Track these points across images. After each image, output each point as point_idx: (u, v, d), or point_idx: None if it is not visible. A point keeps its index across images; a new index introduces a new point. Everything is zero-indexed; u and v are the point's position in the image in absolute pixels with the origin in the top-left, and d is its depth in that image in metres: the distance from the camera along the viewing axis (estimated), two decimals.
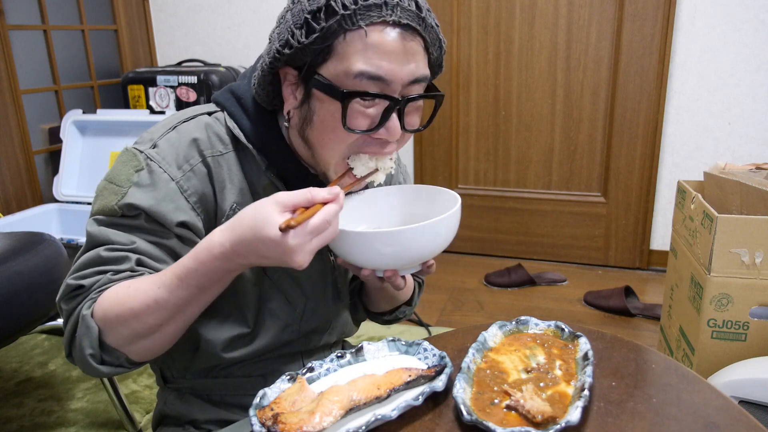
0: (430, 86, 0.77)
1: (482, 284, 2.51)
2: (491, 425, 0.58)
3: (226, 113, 0.79)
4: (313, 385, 0.69)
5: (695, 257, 1.42)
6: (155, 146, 0.74)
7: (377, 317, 1.01)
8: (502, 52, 2.56)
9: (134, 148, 0.75)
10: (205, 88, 2.61)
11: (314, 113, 0.72)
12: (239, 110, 0.79)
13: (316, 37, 0.68)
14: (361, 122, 0.71)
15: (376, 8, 0.67)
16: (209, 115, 0.80)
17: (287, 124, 0.78)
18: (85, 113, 2.52)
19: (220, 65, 2.73)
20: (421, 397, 0.63)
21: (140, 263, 0.72)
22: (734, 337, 1.34)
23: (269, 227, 0.61)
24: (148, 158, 0.73)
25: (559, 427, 0.57)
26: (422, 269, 0.77)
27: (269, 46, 0.73)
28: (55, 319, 1.47)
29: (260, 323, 0.82)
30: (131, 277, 0.70)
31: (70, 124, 2.50)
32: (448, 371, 0.68)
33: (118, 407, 1.58)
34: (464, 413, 0.60)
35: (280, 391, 0.67)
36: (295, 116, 0.76)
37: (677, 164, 2.46)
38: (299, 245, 0.62)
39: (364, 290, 0.97)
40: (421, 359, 0.73)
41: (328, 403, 0.61)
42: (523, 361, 0.71)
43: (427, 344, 0.74)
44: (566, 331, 0.75)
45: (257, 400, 0.64)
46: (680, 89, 2.37)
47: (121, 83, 2.76)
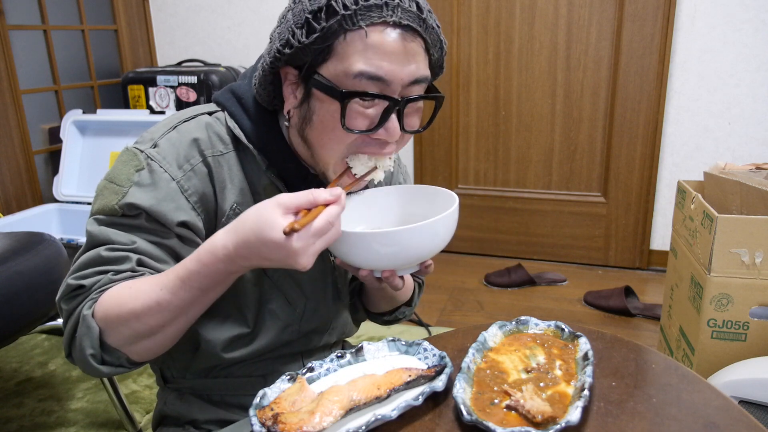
0: (430, 87, 0.76)
1: (482, 284, 2.51)
2: (491, 425, 0.58)
3: (226, 113, 0.79)
4: (313, 385, 0.69)
5: (695, 257, 1.42)
6: (156, 146, 0.74)
7: (377, 318, 1.01)
8: (502, 52, 2.56)
9: (135, 147, 0.75)
10: (205, 88, 2.61)
11: (314, 113, 0.72)
12: (240, 110, 0.79)
13: (316, 36, 0.68)
14: (360, 122, 0.71)
15: (376, 9, 0.67)
16: (210, 114, 0.80)
17: (287, 123, 0.78)
18: (85, 113, 2.52)
19: (220, 65, 2.73)
20: (421, 397, 0.63)
21: (141, 263, 0.72)
22: (734, 337, 1.34)
23: (273, 230, 0.61)
24: (148, 158, 0.73)
25: (559, 427, 0.57)
26: (420, 269, 0.77)
27: (270, 45, 0.73)
28: (55, 319, 1.47)
29: (260, 323, 0.82)
30: (132, 277, 0.70)
31: (70, 124, 2.50)
32: (448, 371, 0.68)
33: (118, 407, 1.58)
34: (464, 413, 0.60)
35: (280, 391, 0.67)
36: (295, 116, 0.76)
37: (677, 164, 2.46)
38: (303, 248, 0.62)
39: (363, 291, 0.97)
40: (421, 359, 0.73)
41: (328, 403, 0.61)
42: (523, 361, 0.71)
43: (427, 344, 0.74)
44: (566, 331, 0.75)
45: (257, 400, 0.64)
46: (680, 89, 2.38)
47: (121, 83, 2.76)
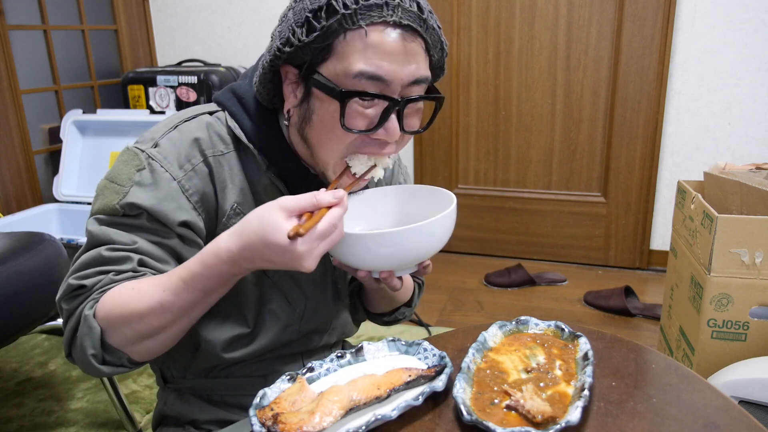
0: (430, 88, 0.76)
1: (482, 284, 2.51)
2: (491, 425, 0.58)
3: (227, 113, 0.79)
4: (313, 385, 0.69)
5: (695, 257, 1.42)
6: (157, 145, 0.74)
7: (377, 318, 1.01)
8: (502, 52, 2.56)
9: (135, 147, 0.75)
10: (205, 88, 2.61)
11: (313, 112, 0.72)
12: (240, 110, 0.78)
13: (316, 35, 0.68)
14: (359, 122, 0.71)
15: (377, 8, 0.66)
16: (210, 114, 0.80)
17: (287, 122, 0.77)
18: (85, 113, 2.52)
19: (220, 65, 2.73)
20: (421, 397, 0.63)
21: (142, 263, 0.72)
22: (734, 337, 1.34)
23: (277, 234, 0.61)
24: (149, 157, 0.73)
25: (559, 427, 0.57)
26: (419, 270, 0.77)
27: (271, 44, 0.73)
28: (55, 319, 1.47)
29: (260, 323, 0.82)
30: (133, 277, 0.70)
31: (70, 124, 2.50)
32: (448, 371, 0.68)
33: (118, 407, 1.58)
34: (464, 413, 0.60)
35: (280, 391, 0.67)
36: (294, 115, 0.76)
37: (677, 164, 2.46)
38: (308, 251, 0.62)
39: (363, 291, 0.97)
40: (421, 359, 0.73)
41: (328, 403, 0.61)
42: (523, 361, 0.71)
43: (427, 344, 0.74)
44: (566, 331, 0.75)
45: (257, 400, 0.64)
46: (680, 89, 2.37)
47: (121, 83, 2.76)
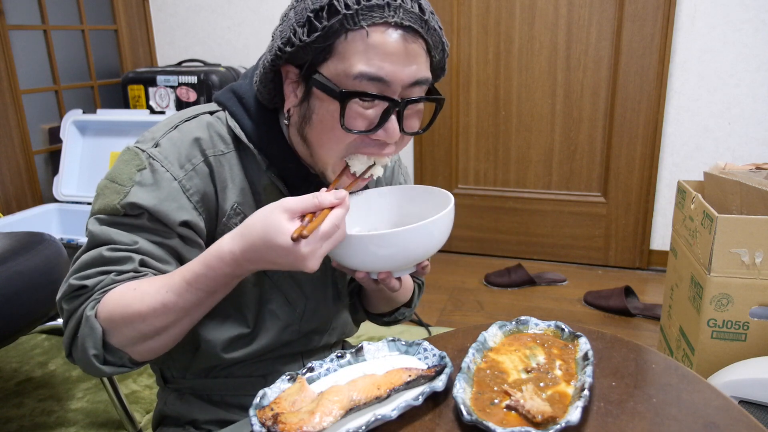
0: (431, 89, 0.76)
1: (482, 284, 2.51)
2: (491, 425, 0.58)
3: (227, 113, 0.79)
4: (313, 385, 0.69)
5: (695, 257, 1.42)
6: (157, 145, 0.74)
7: (377, 318, 1.01)
8: (502, 52, 2.56)
9: (136, 147, 0.75)
10: (205, 88, 2.61)
11: (313, 112, 0.72)
12: (241, 110, 0.78)
13: (317, 35, 0.67)
14: (359, 123, 0.70)
15: (378, 9, 0.66)
16: (211, 114, 0.80)
17: (287, 122, 0.77)
18: (85, 113, 2.52)
19: (220, 65, 2.73)
20: (421, 397, 0.63)
21: (143, 264, 0.72)
22: (734, 337, 1.34)
23: (281, 236, 0.62)
24: (150, 157, 0.73)
25: (559, 427, 0.57)
26: (417, 270, 0.76)
27: (272, 43, 0.73)
28: (55, 319, 1.46)
29: (260, 323, 0.82)
30: (135, 278, 0.70)
31: (70, 124, 2.50)
32: (448, 371, 0.68)
33: (118, 407, 1.58)
34: (464, 413, 0.60)
35: (280, 391, 0.67)
36: (295, 114, 0.76)
37: (677, 164, 2.46)
38: (311, 252, 0.63)
39: (363, 291, 0.97)
40: (421, 359, 0.73)
41: (328, 403, 0.61)
42: (523, 361, 0.70)
43: (427, 344, 0.74)
44: (566, 331, 0.75)
45: (257, 400, 0.64)
46: (680, 89, 2.37)
47: (121, 83, 2.76)
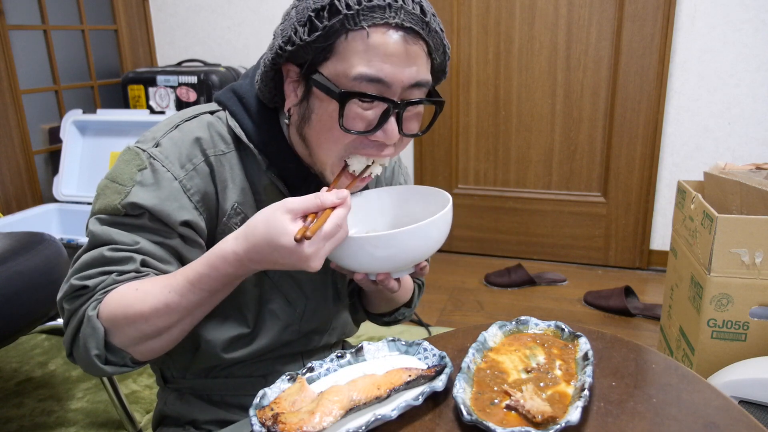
0: (431, 92, 0.76)
1: (482, 284, 2.51)
2: (491, 425, 0.58)
3: (227, 112, 0.79)
4: (313, 385, 0.69)
5: (695, 257, 1.42)
6: (158, 145, 0.74)
7: (377, 318, 1.01)
8: (502, 52, 2.56)
9: (137, 146, 0.75)
10: (205, 88, 2.61)
11: (312, 111, 0.72)
12: (241, 110, 0.78)
13: (318, 35, 0.67)
14: (358, 123, 0.70)
15: (379, 10, 0.66)
16: (211, 114, 0.80)
17: (287, 121, 0.77)
18: (85, 113, 2.52)
19: (220, 65, 2.73)
20: (421, 397, 0.63)
21: (145, 264, 0.72)
22: (734, 337, 1.34)
23: (284, 237, 0.62)
24: (151, 157, 0.73)
25: (559, 427, 0.57)
26: (415, 271, 0.76)
27: (273, 41, 0.73)
28: (55, 319, 1.46)
29: (260, 323, 0.82)
30: (136, 278, 0.70)
31: (70, 124, 2.50)
32: (448, 371, 0.68)
33: (118, 407, 1.58)
34: (464, 413, 0.60)
35: (280, 391, 0.67)
36: (295, 114, 0.76)
37: (677, 164, 2.46)
38: (315, 252, 0.64)
39: (362, 292, 0.97)
40: (421, 359, 0.73)
41: (328, 403, 0.61)
42: (523, 361, 0.71)
43: (427, 344, 0.74)
44: (566, 331, 0.75)
45: (257, 400, 0.64)
46: (680, 89, 2.37)
47: (121, 83, 2.76)
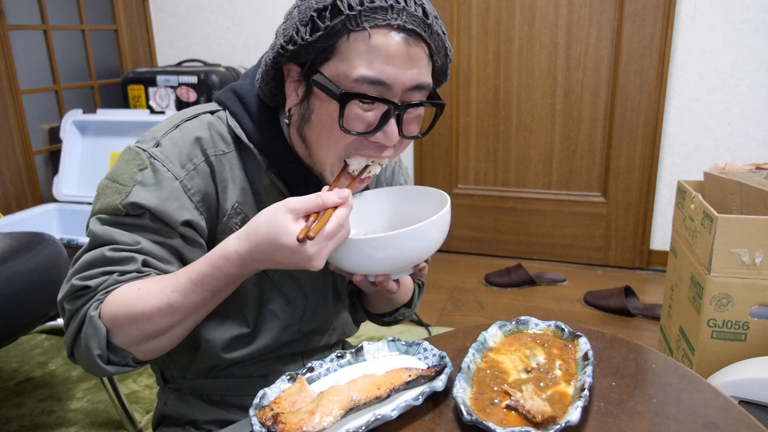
0: (432, 94, 0.76)
1: (482, 284, 2.51)
2: (491, 425, 0.58)
3: (228, 112, 0.79)
4: (313, 385, 0.69)
5: (695, 257, 1.42)
6: (158, 145, 0.74)
7: (377, 318, 1.01)
8: (502, 52, 2.56)
9: (137, 146, 0.75)
10: (205, 88, 2.61)
11: (313, 111, 0.72)
12: (241, 109, 0.78)
13: (320, 35, 0.67)
14: (358, 124, 0.70)
15: (381, 11, 0.66)
16: (211, 114, 0.80)
17: (287, 121, 0.77)
18: (85, 113, 2.52)
19: (220, 65, 2.73)
20: (421, 397, 0.63)
21: (146, 264, 0.72)
22: (734, 337, 1.34)
23: (287, 237, 0.63)
24: (151, 157, 0.73)
25: (559, 427, 0.57)
26: (414, 272, 0.76)
27: (275, 41, 0.73)
28: (55, 319, 1.46)
29: (260, 323, 0.82)
30: (137, 278, 0.70)
31: (70, 124, 2.50)
32: (448, 371, 0.68)
33: (118, 407, 1.58)
34: (464, 413, 0.60)
35: (280, 391, 0.67)
36: (295, 114, 0.76)
37: (677, 164, 2.46)
38: (317, 252, 0.64)
39: (362, 292, 0.97)
40: (421, 359, 0.73)
41: (328, 403, 0.61)
42: (523, 361, 0.71)
43: (427, 344, 0.74)
44: (566, 331, 0.75)
45: (257, 400, 0.64)
46: (680, 89, 2.37)
47: (121, 83, 2.76)
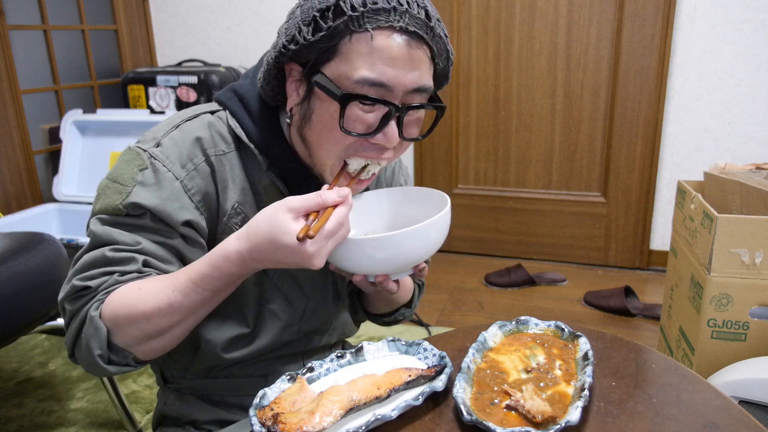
0: (433, 97, 0.76)
1: (482, 284, 2.51)
2: (491, 425, 0.58)
3: (228, 112, 0.79)
4: (313, 385, 0.69)
5: (695, 257, 1.42)
6: (159, 145, 0.74)
7: (377, 319, 1.01)
8: (502, 52, 2.56)
9: (137, 147, 0.75)
10: (205, 88, 2.61)
11: (313, 112, 0.72)
12: (241, 109, 0.78)
13: (322, 35, 0.67)
14: (358, 126, 0.70)
15: (384, 13, 0.66)
16: (212, 114, 0.80)
17: (289, 120, 0.77)
18: (85, 113, 2.52)
19: (220, 65, 2.73)
20: (421, 397, 0.63)
21: (146, 264, 0.72)
22: (734, 337, 1.34)
23: (287, 236, 0.63)
24: (152, 157, 0.73)
25: (559, 427, 0.57)
26: (414, 273, 0.76)
27: (277, 40, 0.73)
28: (55, 319, 1.46)
29: (260, 323, 0.82)
30: (138, 278, 0.70)
31: (70, 124, 2.50)
32: (448, 371, 0.68)
33: (118, 407, 1.58)
34: (464, 413, 0.60)
35: (280, 391, 0.67)
36: (296, 113, 0.76)
37: (677, 164, 2.46)
38: (317, 250, 0.64)
39: (362, 292, 0.97)
40: (421, 359, 0.73)
41: (328, 403, 0.61)
42: (523, 361, 0.71)
43: (427, 344, 0.74)
44: (566, 331, 0.75)
45: (257, 400, 0.64)
46: (680, 89, 2.37)
47: (121, 83, 2.76)
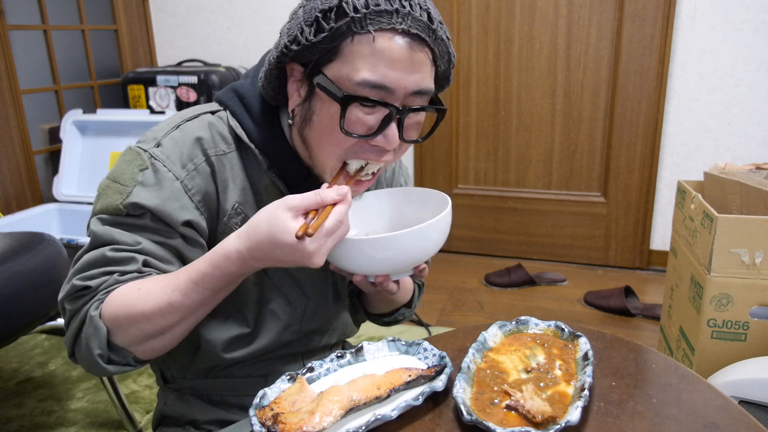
0: (434, 99, 0.76)
1: (482, 284, 2.51)
2: (491, 425, 0.58)
3: (228, 112, 0.79)
4: (313, 385, 0.69)
5: (695, 257, 1.42)
6: (159, 145, 0.74)
7: (377, 319, 1.01)
8: (502, 52, 2.56)
9: (138, 147, 0.75)
10: (205, 88, 2.61)
11: (314, 113, 0.72)
12: (242, 109, 0.78)
13: (324, 36, 0.67)
14: (359, 127, 0.70)
15: (386, 15, 0.66)
16: (212, 114, 0.80)
17: (290, 121, 0.77)
18: (85, 113, 2.52)
19: (220, 65, 2.73)
20: (421, 397, 0.63)
21: (147, 264, 0.72)
22: (734, 337, 1.34)
23: (286, 235, 0.63)
24: (152, 157, 0.73)
25: (559, 427, 0.57)
26: (415, 273, 0.76)
27: (279, 40, 0.73)
28: (55, 319, 1.46)
29: (260, 323, 0.82)
30: (138, 278, 0.71)
31: (70, 124, 2.50)
32: (448, 371, 0.68)
33: (118, 407, 1.58)
34: (464, 413, 0.60)
35: (280, 391, 0.67)
36: (297, 114, 0.76)
37: (677, 164, 2.46)
38: (317, 249, 0.64)
39: (362, 293, 0.97)
40: (421, 359, 0.73)
41: (328, 403, 0.61)
42: (523, 361, 0.71)
43: (427, 344, 0.74)
44: (566, 331, 0.75)
45: (257, 400, 0.64)
46: (680, 89, 2.38)
47: (121, 83, 2.76)
